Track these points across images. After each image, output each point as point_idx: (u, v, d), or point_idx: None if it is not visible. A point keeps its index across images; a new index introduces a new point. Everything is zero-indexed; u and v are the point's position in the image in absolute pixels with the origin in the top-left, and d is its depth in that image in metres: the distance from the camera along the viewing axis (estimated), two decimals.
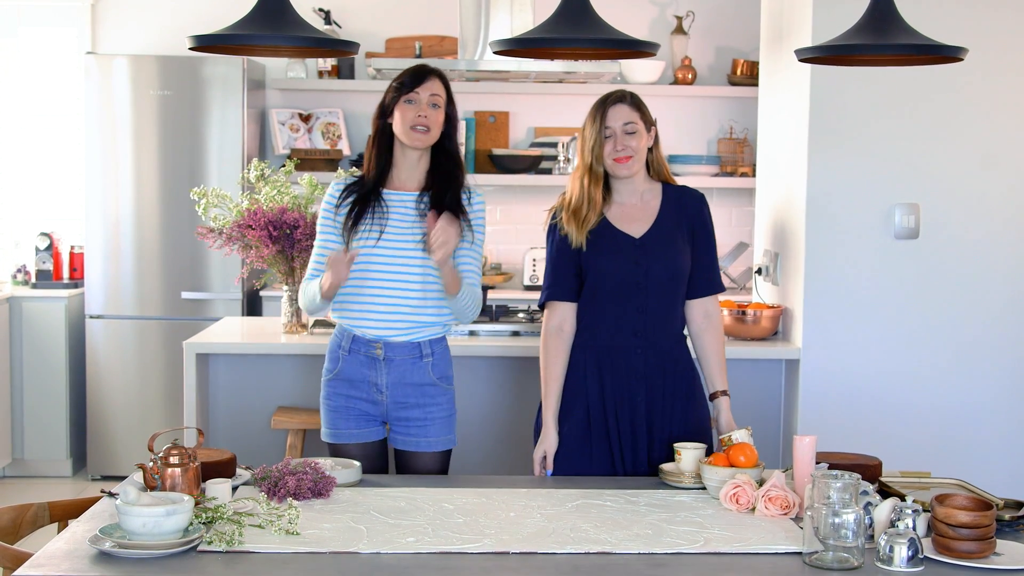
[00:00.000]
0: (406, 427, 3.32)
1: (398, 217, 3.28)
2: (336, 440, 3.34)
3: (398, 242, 3.26)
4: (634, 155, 3.27)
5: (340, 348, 3.32)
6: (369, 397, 3.31)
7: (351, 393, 3.31)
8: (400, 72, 3.33)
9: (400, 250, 3.26)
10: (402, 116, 3.25)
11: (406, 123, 3.24)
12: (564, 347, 3.34)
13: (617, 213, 3.34)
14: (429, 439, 3.32)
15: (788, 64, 4.47)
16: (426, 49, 6.42)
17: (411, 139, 3.25)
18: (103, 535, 2.40)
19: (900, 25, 2.94)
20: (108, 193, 6.07)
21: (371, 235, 3.25)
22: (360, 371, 3.30)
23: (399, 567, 2.35)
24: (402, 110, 3.25)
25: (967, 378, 4.35)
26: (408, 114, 3.24)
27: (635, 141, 3.27)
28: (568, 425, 3.33)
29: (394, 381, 3.29)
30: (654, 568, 2.37)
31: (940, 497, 2.48)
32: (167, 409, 6.06)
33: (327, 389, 3.36)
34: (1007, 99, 4.32)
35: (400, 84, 3.27)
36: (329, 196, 3.35)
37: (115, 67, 6.06)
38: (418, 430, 3.31)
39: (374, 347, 3.28)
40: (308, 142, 6.46)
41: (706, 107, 6.64)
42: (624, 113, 3.27)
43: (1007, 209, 4.34)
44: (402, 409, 3.31)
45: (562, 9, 2.86)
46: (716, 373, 3.38)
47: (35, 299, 6.14)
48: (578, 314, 3.35)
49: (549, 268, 3.38)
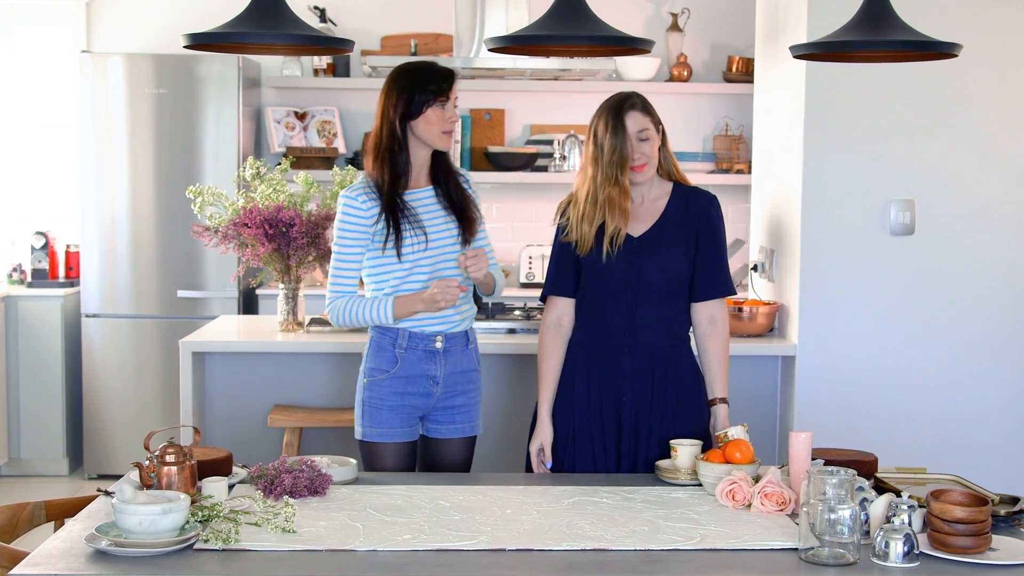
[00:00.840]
0: (451, 415, 3.38)
1: (429, 216, 3.30)
2: (381, 439, 3.32)
3: (439, 239, 3.30)
4: (649, 161, 3.27)
5: (396, 347, 3.30)
6: (424, 391, 3.32)
7: (407, 390, 3.32)
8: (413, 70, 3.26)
9: (442, 246, 3.31)
10: (437, 119, 3.23)
11: (440, 126, 3.23)
12: (561, 341, 3.35)
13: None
14: (466, 424, 3.41)
15: (783, 61, 4.47)
16: (421, 47, 6.42)
17: (444, 142, 3.26)
18: (99, 534, 2.40)
19: (895, 21, 2.95)
20: (104, 192, 6.07)
21: (418, 239, 3.26)
22: (419, 367, 3.31)
23: (395, 565, 2.35)
24: (437, 113, 3.22)
25: (963, 374, 4.36)
26: (442, 117, 3.23)
27: (649, 147, 3.25)
28: (556, 420, 3.34)
29: (449, 371, 3.34)
30: (650, 564, 2.37)
31: (936, 493, 2.48)
32: (163, 407, 6.06)
33: (382, 389, 3.31)
34: (1002, 95, 4.32)
35: (438, 88, 3.22)
36: (355, 210, 3.24)
37: (110, 65, 6.06)
38: (462, 416, 3.39)
39: (434, 341, 3.31)
40: (304, 140, 6.46)
41: (702, 104, 6.64)
42: (638, 120, 3.24)
43: (1003, 205, 4.35)
44: (450, 397, 3.36)
45: (557, 6, 2.86)
46: (715, 379, 3.33)
47: (31, 298, 6.13)
48: (575, 310, 3.36)
49: (551, 263, 3.40)
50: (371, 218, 3.24)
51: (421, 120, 3.22)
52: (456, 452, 3.41)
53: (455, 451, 3.41)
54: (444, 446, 3.40)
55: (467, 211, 3.34)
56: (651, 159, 3.26)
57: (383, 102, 3.25)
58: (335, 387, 4.45)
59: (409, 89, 3.22)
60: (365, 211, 3.24)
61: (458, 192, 3.35)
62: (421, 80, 3.22)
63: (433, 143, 3.26)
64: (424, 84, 3.22)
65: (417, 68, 3.27)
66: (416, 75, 3.24)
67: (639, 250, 3.28)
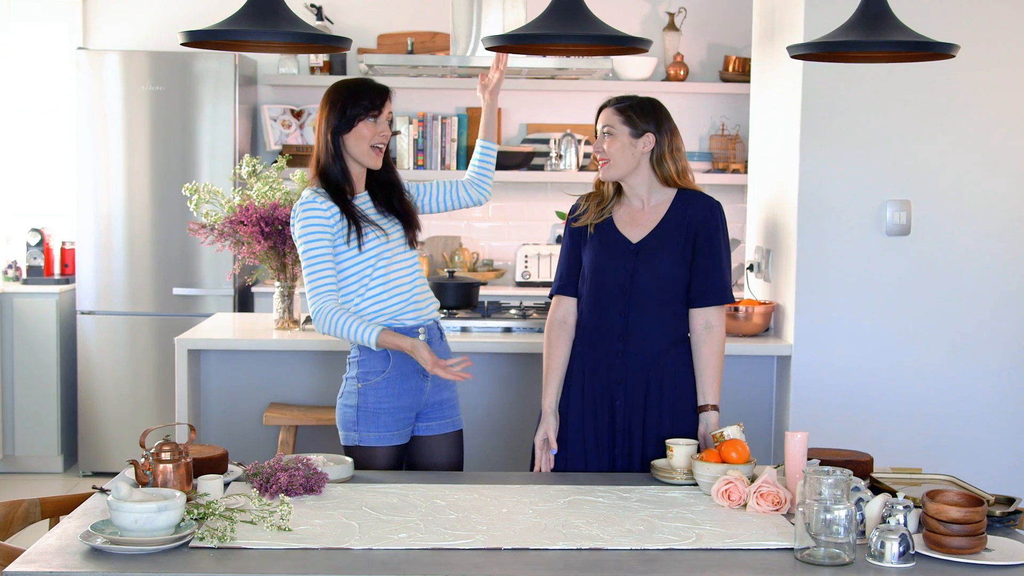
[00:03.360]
0: (440, 410, 3.39)
1: (379, 216, 3.33)
2: (379, 443, 3.30)
3: (394, 235, 3.33)
4: (608, 158, 3.28)
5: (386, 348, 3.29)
6: (416, 387, 3.32)
7: (401, 388, 3.31)
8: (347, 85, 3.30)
9: (399, 242, 3.34)
10: (369, 133, 3.25)
11: (371, 140, 3.26)
12: (566, 338, 3.37)
13: (623, 215, 3.35)
14: (453, 418, 3.43)
15: (780, 60, 4.47)
16: (418, 45, 6.42)
17: (372, 159, 3.29)
18: (95, 531, 2.40)
19: (892, 22, 2.95)
20: (99, 189, 6.06)
21: (378, 237, 3.28)
22: (410, 363, 3.30)
23: (391, 563, 2.35)
24: (369, 128, 3.25)
25: (958, 374, 4.36)
26: (373, 131, 3.26)
27: (607, 143, 3.28)
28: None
29: None
30: (646, 564, 2.37)
31: (931, 493, 2.49)
32: (158, 405, 6.05)
33: (378, 392, 3.29)
34: (998, 95, 4.32)
35: (370, 103, 3.25)
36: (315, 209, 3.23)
37: (106, 62, 6.05)
38: (450, 410, 3.42)
39: (417, 333, 3.32)
40: (300, 138, 6.46)
41: (698, 103, 6.64)
42: (603, 116, 3.32)
43: (999, 205, 4.35)
44: (438, 392, 3.38)
45: (554, 5, 2.86)
46: (706, 386, 3.30)
47: (26, 295, 6.12)
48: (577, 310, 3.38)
49: (560, 263, 3.44)
50: (332, 217, 3.24)
51: (352, 134, 3.26)
52: (448, 448, 3.41)
53: (447, 448, 3.41)
54: (436, 444, 3.39)
55: (412, 219, 3.38)
56: (610, 156, 3.28)
57: (319, 117, 3.30)
58: (331, 385, 4.44)
59: (341, 104, 3.26)
60: (324, 209, 3.24)
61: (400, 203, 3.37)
62: (354, 95, 3.26)
63: (361, 159, 3.28)
64: (356, 99, 3.25)
65: (351, 84, 3.31)
66: (350, 90, 3.28)
67: (636, 255, 3.28)
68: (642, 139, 3.28)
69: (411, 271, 3.35)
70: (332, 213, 3.24)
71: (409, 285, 3.33)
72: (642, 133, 3.28)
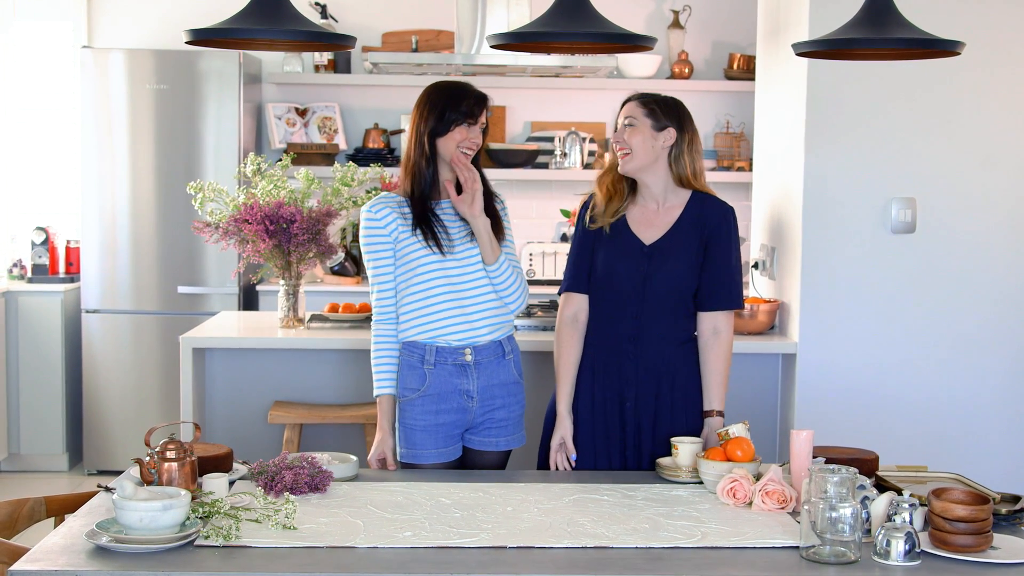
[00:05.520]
0: (491, 430, 3.32)
1: (456, 226, 3.27)
2: (417, 460, 3.27)
3: (462, 247, 3.26)
4: (629, 149, 3.27)
5: (424, 364, 3.24)
6: (459, 407, 3.26)
7: (440, 407, 3.25)
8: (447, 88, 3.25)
9: (465, 256, 3.26)
10: (461, 138, 3.20)
11: (460, 144, 3.21)
12: (578, 336, 3.35)
13: (637, 216, 3.34)
14: (508, 437, 3.34)
15: (785, 58, 4.47)
16: (422, 43, 6.42)
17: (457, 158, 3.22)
18: (100, 530, 2.40)
19: (897, 19, 2.94)
20: (104, 187, 6.07)
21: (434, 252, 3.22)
22: (450, 381, 3.25)
23: (396, 562, 2.35)
24: (462, 133, 3.21)
25: (964, 372, 4.35)
26: (465, 137, 3.21)
27: (628, 134, 3.26)
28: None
29: (483, 384, 3.28)
30: (651, 562, 2.37)
31: (937, 491, 2.48)
32: (164, 404, 6.06)
33: (414, 409, 3.26)
34: (1004, 93, 4.32)
35: (468, 110, 3.20)
36: (371, 220, 3.23)
37: (111, 61, 6.06)
38: (499, 429, 3.32)
39: (463, 353, 3.25)
40: (304, 136, 6.46)
41: (703, 101, 6.63)
42: (627, 108, 3.30)
43: (1004, 203, 4.34)
44: (489, 411, 3.30)
45: (559, 3, 2.86)
46: (711, 391, 3.30)
47: (31, 293, 6.13)
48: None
49: (570, 259, 3.41)
50: (387, 226, 3.22)
51: (447, 137, 3.22)
52: (491, 462, 3.36)
53: (491, 461, 3.35)
54: (481, 457, 3.34)
55: (497, 227, 3.30)
56: (631, 148, 3.26)
57: (415, 117, 3.25)
58: (335, 383, 4.45)
59: (441, 107, 3.22)
60: (379, 219, 3.23)
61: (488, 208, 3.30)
62: (454, 100, 3.22)
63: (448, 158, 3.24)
64: (456, 104, 3.21)
65: (451, 87, 3.26)
66: (451, 94, 3.24)
67: (649, 258, 3.28)
68: (663, 133, 3.27)
69: (471, 286, 3.25)
70: (388, 222, 3.22)
71: (458, 300, 3.24)
72: (664, 127, 3.27)
